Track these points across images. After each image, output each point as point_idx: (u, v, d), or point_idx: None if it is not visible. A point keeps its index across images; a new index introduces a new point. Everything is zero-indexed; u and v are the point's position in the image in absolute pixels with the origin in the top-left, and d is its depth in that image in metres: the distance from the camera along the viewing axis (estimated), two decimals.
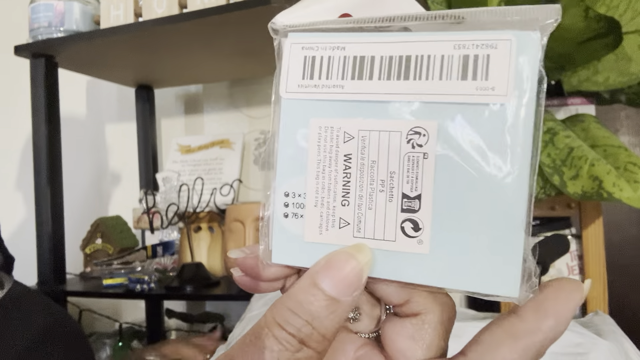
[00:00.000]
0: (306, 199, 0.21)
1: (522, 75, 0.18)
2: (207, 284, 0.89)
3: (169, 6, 0.87)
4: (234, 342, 0.20)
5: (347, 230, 0.20)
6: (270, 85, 0.21)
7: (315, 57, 0.21)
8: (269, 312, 0.19)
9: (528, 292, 0.18)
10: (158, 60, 1.06)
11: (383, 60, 0.20)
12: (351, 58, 0.20)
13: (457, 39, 0.19)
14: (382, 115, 0.20)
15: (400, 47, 0.20)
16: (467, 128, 0.19)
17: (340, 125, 0.20)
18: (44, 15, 0.95)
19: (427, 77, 0.19)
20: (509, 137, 0.18)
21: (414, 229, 0.19)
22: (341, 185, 0.20)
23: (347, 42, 0.20)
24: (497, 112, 0.18)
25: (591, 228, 0.99)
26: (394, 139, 0.19)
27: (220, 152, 1.19)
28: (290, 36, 0.21)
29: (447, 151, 0.19)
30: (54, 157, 0.97)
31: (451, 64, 0.19)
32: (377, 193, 0.20)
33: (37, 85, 0.97)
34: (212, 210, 0.97)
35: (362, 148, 0.20)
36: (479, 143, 0.19)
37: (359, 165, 0.20)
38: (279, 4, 0.78)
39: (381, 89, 0.20)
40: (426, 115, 0.19)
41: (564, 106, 1.03)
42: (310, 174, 0.21)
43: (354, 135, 0.20)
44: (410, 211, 0.19)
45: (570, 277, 0.20)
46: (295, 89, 0.21)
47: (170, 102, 1.37)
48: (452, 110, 0.19)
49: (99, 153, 1.43)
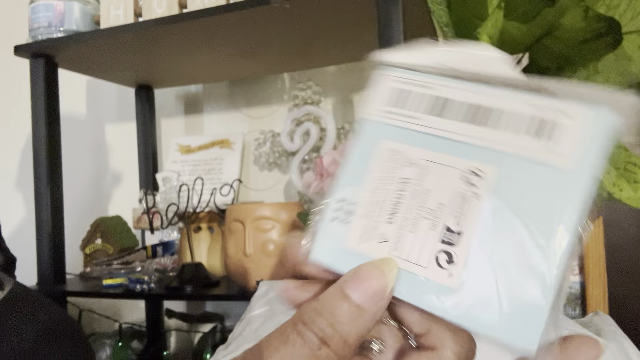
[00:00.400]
0: (356, 208, 0.22)
1: (591, 151, 0.19)
2: (207, 284, 0.89)
3: (169, 6, 0.87)
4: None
5: (385, 247, 0.21)
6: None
7: (402, 89, 0.23)
8: (298, 311, 0.21)
9: (545, 349, 0.19)
10: (158, 60, 1.06)
11: (461, 104, 0.22)
12: (433, 96, 0.22)
13: (537, 101, 0.20)
14: (447, 150, 0.21)
15: (480, 97, 0.22)
16: (523, 182, 0.20)
17: (407, 151, 0.22)
18: (43, 15, 0.95)
19: (498, 127, 0.21)
20: (559, 203, 0.19)
21: (448, 261, 0.20)
22: (391, 204, 0.22)
23: (432, 82, 0.23)
24: (557, 177, 0.19)
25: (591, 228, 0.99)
26: (452, 174, 0.21)
27: (220, 152, 1.19)
28: (385, 68, 0.24)
29: (499, 198, 0.20)
30: (54, 157, 0.97)
31: (526, 121, 0.20)
32: (422, 219, 0.21)
33: (37, 85, 0.97)
34: (212, 211, 0.97)
35: (421, 176, 0.21)
36: (530, 200, 0.19)
37: (413, 190, 0.21)
38: (279, 4, 0.78)
39: (453, 128, 0.22)
40: (488, 160, 0.20)
41: None
42: (367, 187, 0.22)
43: (417, 163, 0.22)
44: (448, 244, 0.20)
45: (588, 335, 0.21)
46: (377, 112, 0.23)
47: (170, 102, 1.37)
48: (513, 162, 0.20)
49: (98, 153, 1.44)
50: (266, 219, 0.78)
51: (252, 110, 1.29)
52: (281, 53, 1.05)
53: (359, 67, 1.20)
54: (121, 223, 1.20)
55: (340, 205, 0.22)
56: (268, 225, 0.78)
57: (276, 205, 0.79)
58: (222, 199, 0.98)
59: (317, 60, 1.11)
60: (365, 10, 0.82)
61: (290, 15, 0.83)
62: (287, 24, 0.88)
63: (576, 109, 0.20)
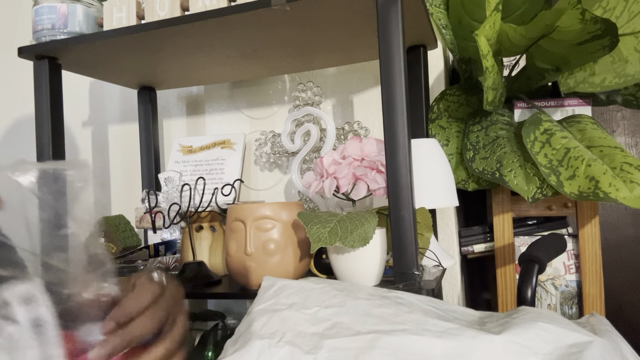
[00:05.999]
0: None
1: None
2: (209, 283, 0.90)
3: (171, 8, 0.88)
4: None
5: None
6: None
7: None
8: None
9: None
10: (160, 62, 1.07)
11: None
12: None
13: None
14: None
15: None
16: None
17: None
18: (47, 18, 0.96)
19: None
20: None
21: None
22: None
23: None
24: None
25: (588, 227, 1.00)
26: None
27: (222, 153, 1.20)
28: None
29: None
30: (57, 157, 0.98)
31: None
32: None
33: (41, 87, 0.98)
34: (214, 210, 0.98)
35: None
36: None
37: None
38: (280, 6, 0.79)
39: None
40: None
41: (560, 107, 1.04)
42: None
43: None
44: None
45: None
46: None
47: (172, 103, 1.38)
48: None
49: (101, 153, 1.45)
50: (267, 218, 0.79)
51: (253, 111, 1.30)
52: (282, 55, 1.06)
53: (359, 68, 1.21)
54: (124, 222, 1.21)
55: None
56: (269, 224, 0.79)
57: (277, 205, 0.80)
58: (224, 198, 0.99)
59: (318, 61, 1.12)
60: (365, 12, 0.83)
61: (291, 17, 0.84)
62: (288, 26, 0.89)
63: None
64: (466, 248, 1.12)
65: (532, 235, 1.06)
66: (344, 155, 0.83)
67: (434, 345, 0.47)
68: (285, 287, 0.59)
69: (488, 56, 0.85)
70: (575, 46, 0.86)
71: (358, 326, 0.51)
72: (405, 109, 0.72)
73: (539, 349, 0.47)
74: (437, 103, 1.06)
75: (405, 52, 0.73)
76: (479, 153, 0.99)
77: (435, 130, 1.06)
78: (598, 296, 0.99)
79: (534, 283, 0.74)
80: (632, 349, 0.52)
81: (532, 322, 0.50)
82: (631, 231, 1.40)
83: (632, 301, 1.30)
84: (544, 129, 0.93)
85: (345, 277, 0.75)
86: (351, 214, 0.75)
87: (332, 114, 1.23)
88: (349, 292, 0.58)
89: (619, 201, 0.81)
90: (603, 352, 0.47)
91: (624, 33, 0.91)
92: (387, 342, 0.48)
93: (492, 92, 0.90)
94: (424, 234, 0.82)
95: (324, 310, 0.53)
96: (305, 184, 0.88)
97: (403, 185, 0.71)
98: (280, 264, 0.79)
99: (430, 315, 0.53)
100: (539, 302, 1.03)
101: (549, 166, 0.89)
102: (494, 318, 0.56)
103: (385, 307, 0.54)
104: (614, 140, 0.92)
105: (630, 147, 1.43)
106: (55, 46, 0.95)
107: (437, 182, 0.88)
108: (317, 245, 0.68)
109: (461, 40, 1.04)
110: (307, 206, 1.17)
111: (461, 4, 1.02)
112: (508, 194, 1.05)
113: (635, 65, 0.90)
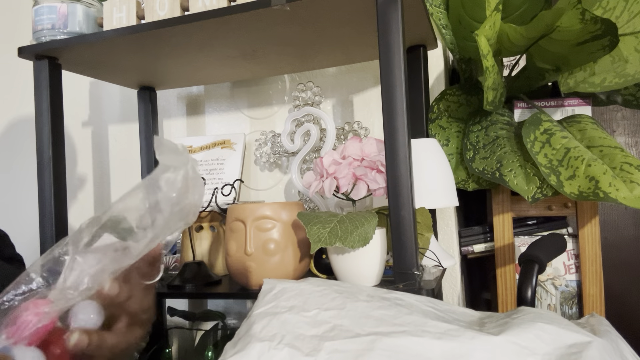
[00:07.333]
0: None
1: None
2: (209, 283, 0.90)
3: (171, 8, 0.88)
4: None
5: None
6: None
7: None
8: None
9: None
10: (160, 62, 1.07)
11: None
12: None
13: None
14: None
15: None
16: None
17: None
18: (47, 17, 0.96)
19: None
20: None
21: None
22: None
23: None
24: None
25: (587, 227, 1.00)
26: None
27: (222, 153, 1.20)
28: None
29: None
30: (57, 157, 0.98)
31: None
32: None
33: (41, 87, 0.98)
34: (214, 210, 0.98)
35: None
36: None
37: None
38: (280, 6, 0.79)
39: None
40: None
41: (560, 107, 1.04)
42: None
43: None
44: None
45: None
46: None
47: (172, 103, 1.38)
48: None
49: (101, 153, 1.45)
50: (267, 218, 0.79)
51: (253, 111, 1.30)
52: (282, 55, 1.06)
53: (359, 68, 1.21)
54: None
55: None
56: (269, 224, 0.79)
57: (277, 205, 0.80)
58: (224, 198, 0.99)
59: (318, 61, 1.12)
60: (365, 12, 0.83)
61: (291, 17, 0.84)
62: (288, 26, 0.89)
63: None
64: (466, 248, 1.12)
65: (532, 235, 1.06)
66: (344, 155, 0.83)
67: (433, 346, 0.47)
68: (285, 290, 0.59)
69: (488, 56, 0.85)
70: (575, 46, 0.86)
71: (357, 328, 0.51)
72: (405, 109, 0.72)
73: (538, 349, 0.47)
74: (437, 103, 1.06)
75: (405, 52, 0.73)
76: (479, 153, 0.99)
77: (435, 130, 1.06)
78: (598, 296, 0.99)
79: (534, 283, 0.74)
80: (631, 350, 0.52)
81: (532, 323, 0.50)
82: (631, 231, 1.40)
83: (632, 301, 1.30)
84: (544, 129, 0.93)
85: (345, 277, 0.75)
86: (351, 214, 0.75)
87: (332, 114, 1.23)
88: (348, 294, 0.58)
89: (619, 201, 0.81)
90: (602, 352, 0.47)
91: (624, 33, 0.91)
92: (386, 344, 0.48)
93: (492, 92, 0.89)
94: (424, 234, 0.82)
95: (324, 312, 0.54)
96: (305, 184, 0.88)
97: (403, 185, 0.71)
98: (280, 264, 0.79)
99: (429, 316, 0.53)
100: (539, 302, 1.03)
101: (549, 166, 0.89)
102: (493, 318, 0.56)
103: (385, 308, 0.54)
104: (614, 140, 0.91)
105: (630, 147, 1.43)
106: (55, 46, 0.95)
107: (437, 182, 0.88)
108: (317, 246, 0.68)
109: (461, 40, 1.04)
110: (307, 206, 1.17)
111: (461, 4, 1.02)
112: (508, 194, 1.05)
113: (635, 65, 0.90)
